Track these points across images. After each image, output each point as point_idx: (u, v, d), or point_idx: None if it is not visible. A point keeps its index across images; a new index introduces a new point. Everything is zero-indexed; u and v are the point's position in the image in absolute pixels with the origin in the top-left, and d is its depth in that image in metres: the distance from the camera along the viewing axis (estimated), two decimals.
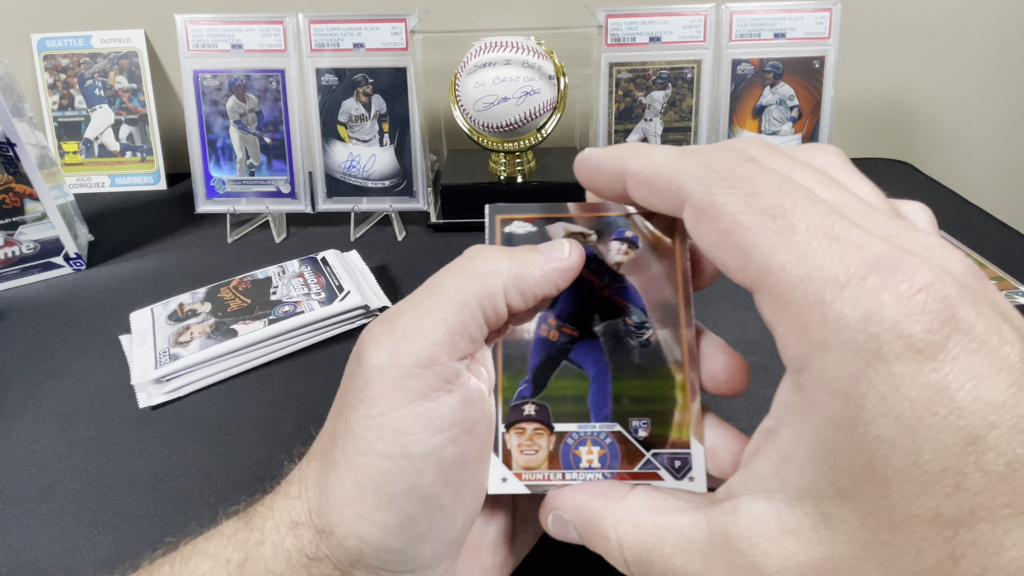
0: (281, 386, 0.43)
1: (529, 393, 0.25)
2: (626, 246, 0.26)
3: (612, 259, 0.26)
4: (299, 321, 0.45)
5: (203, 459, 0.37)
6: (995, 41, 0.72)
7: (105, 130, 0.73)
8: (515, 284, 0.23)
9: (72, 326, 0.50)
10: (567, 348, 0.25)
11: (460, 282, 0.22)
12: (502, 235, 0.27)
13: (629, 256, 0.26)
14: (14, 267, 0.55)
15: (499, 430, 0.25)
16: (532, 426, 0.25)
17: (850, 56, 0.70)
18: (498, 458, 0.25)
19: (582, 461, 0.25)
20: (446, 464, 0.21)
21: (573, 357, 0.25)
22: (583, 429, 0.25)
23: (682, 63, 0.59)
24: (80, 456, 0.38)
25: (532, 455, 0.25)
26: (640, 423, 0.25)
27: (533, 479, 0.24)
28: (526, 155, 0.62)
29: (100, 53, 0.71)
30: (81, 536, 0.33)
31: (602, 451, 0.25)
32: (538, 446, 0.25)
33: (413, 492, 0.20)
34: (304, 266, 0.51)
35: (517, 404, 0.25)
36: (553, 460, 0.25)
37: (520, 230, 0.27)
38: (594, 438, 0.25)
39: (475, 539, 0.25)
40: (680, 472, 0.24)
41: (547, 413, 0.25)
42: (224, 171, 0.62)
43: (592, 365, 0.25)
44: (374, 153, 0.61)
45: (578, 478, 0.24)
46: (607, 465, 0.24)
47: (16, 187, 0.53)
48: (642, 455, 0.24)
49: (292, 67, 0.60)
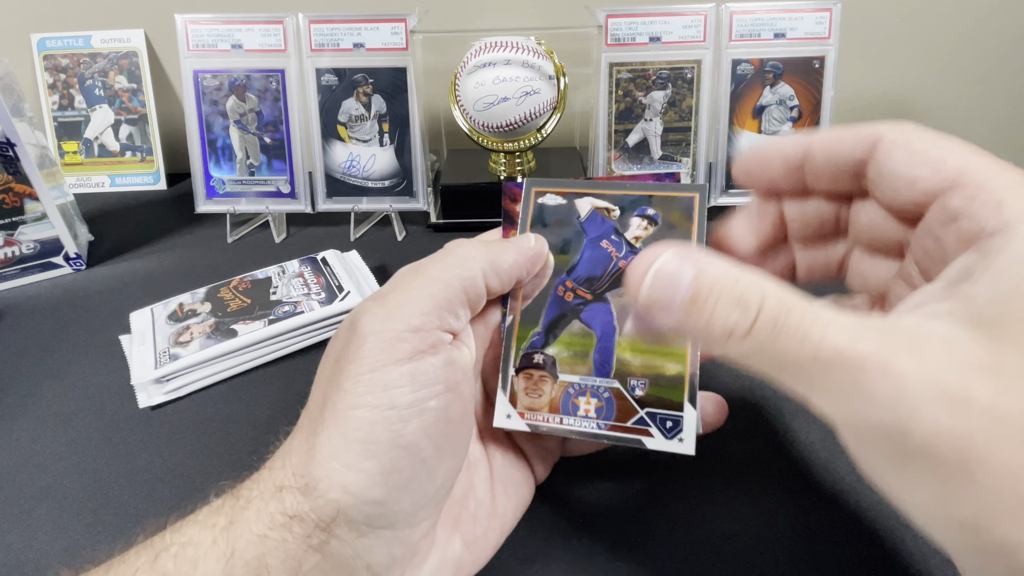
0: (281, 386, 0.43)
1: (540, 344, 0.28)
2: (646, 222, 0.28)
3: (632, 233, 0.28)
4: (299, 321, 0.45)
5: (203, 459, 0.37)
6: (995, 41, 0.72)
7: (105, 130, 0.73)
8: (492, 268, 0.26)
9: (72, 326, 0.50)
10: (579, 308, 0.28)
11: (445, 266, 0.25)
12: (535, 205, 0.30)
13: (648, 232, 0.28)
14: (14, 267, 0.55)
15: (509, 372, 0.28)
16: (539, 373, 0.28)
17: (850, 56, 0.70)
18: (505, 396, 0.28)
19: (580, 410, 0.27)
20: (429, 417, 0.23)
21: (584, 317, 0.28)
22: (584, 381, 0.27)
23: (682, 63, 0.59)
24: (80, 456, 0.38)
25: (536, 398, 0.27)
26: (638, 383, 0.27)
27: (534, 420, 0.27)
28: (526, 155, 0.62)
29: (100, 53, 0.71)
30: (81, 536, 0.33)
31: (599, 403, 0.27)
32: (542, 391, 0.27)
33: (398, 441, 0.22)
34: (304, 266, 0.51)
35: (528, 352, 0.28)
36: (554, 406, 0.27)
37: (551, 201, 0.30)
38: (593, 391, 0.27)
39: (454, 510, 0.26)
40: (671, 432, 0.26)
41: (554, 363, 0.28)
42: (224, 171, 0.62)
43: (600, 326, 0.28)
44: (374, 153, 0.61)
45: (574, 425, 0.27)
46: (603, 416, 0.27)
47: (16, 187, 0.53)
48: (636, 412, 0.27)
49: (292, 67, 0.60)
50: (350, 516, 0.22)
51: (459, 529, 0.26)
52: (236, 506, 0.22)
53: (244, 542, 0.21)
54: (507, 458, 0.29)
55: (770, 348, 0.19)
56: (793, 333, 0.19)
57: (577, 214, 0.29)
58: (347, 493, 0.22)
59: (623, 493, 0.34)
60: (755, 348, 0.19)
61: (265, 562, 0.21)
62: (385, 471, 0.22)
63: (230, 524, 0.22)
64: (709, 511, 0.33)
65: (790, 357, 0.19)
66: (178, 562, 0.21)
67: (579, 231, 0.29)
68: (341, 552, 0.22)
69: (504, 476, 0.28)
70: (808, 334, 0.18)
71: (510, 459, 0.29)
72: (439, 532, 0.25)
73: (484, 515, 0.27)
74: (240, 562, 0.21)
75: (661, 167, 0.62)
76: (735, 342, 0.20)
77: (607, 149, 0.62)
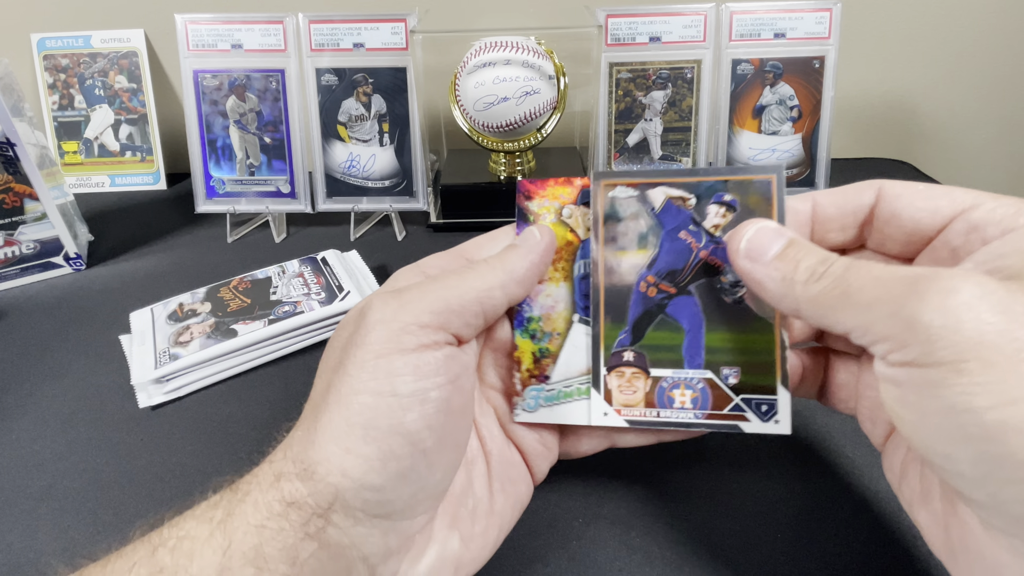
0: (281, 386, 0.43)
1: (628, 342, 0.28)
2: (724, 209, 0.28)
3: (710, 222, 0.28)
4: (299, 321, 0.45)
5: (203, 459, 0.37)
6: (995, 41, 0.72)
7: (105, 130, 0.73)
8: (511, 278, 0.26)
9: (72, 326, 0.50)
10: (664, 303, 0.28)
11: (463, 276, 0.26)
12: (605, 200, 0.29)
13: (727, 219, 0.28)
14: (14, 267, 0.55)
15: (601, 372, 0.28)
16: (631, 370, 0.28)
17: (850, 56, 0.70)
18: (600, 395, 0.28)
19: (675, 402, 0.28)
20: (430, 407, 0.23)
21: (669, 311, 0.28)
22: (677, 375, 0.28)
23: (682, 63, 0.59)
24: (80, 456, 0.38)
25: (630, 395, 0.28)
26: (730, 371, 0.27)
27: (631, 415, 0.28)
28: (526, 155, 0.62)
29: (100, 53, 0.71)
30: (81, 536, 0.33)
31: (694, 394, 0.27)
32: (635, 387, 0.28)
33: (398, 428, 0.23)
34: (304, 266, 0.51)
35: (617, 351, 0.28)
36: (649, 400, 0.28)
37: (622, 194, 0.29)
38: (687, 383, 0.28)
39: (452, 507, 0.26)
40: (766, 415, 0.27)
41: (644, 360, 0.28)
42: (224, 171, 0.62)
43: (687, 319, 0.28)
44: (374, 153, 0.61)
45: (671, 416, 0.27)
46: (698, 406, 0.27)
47: (16, 187, 0.53)
48: (731, 399, 0.27)
49: (292, 67, 0.60)
50: (347, 502, 0.22)
51: (457, 526, 0.26)
52: (233, 499, 0.23)
53: (241, 533, 0.22)
54: (505, 456, 0.29)
55: (843, 279, 0.22)
56: (860, 268, 0.22)
57: (651, 206, 0.28)
58: (346, 476, 0.22)
59: (623, 494, 0.34)
60: (832, 283, 0.22)
61: (262, 552, 0.21)
62: (384, 457, 0.22)
63: (227, 516, 0.22)
64: (709, 511, 0.33)
65: (857, 285, 0.21)
66: (175, 556, 0.21)
67: (655, 224, 0.28)
68: (338, 541, 0.22)
69: (502, 474, 0.28)
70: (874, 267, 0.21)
71: (508, 457, 0.29)
72: (437, 528, 0.25)
73: (483, 512, 0.27)
74: (237, 553, 0.21)
75: (661, 167, 0.62)
76: (812, 282, 0.23)
77: (607, 149, 0.62)
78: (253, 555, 0.21)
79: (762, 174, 0.27)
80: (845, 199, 0.27)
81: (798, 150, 0.60)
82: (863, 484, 0.34)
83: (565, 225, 0.30)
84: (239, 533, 0.22)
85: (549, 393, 0.29)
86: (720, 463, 0.36)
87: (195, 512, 0.23)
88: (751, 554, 0.31)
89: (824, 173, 0.61)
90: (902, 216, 0.26)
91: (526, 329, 0.29)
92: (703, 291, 0.28)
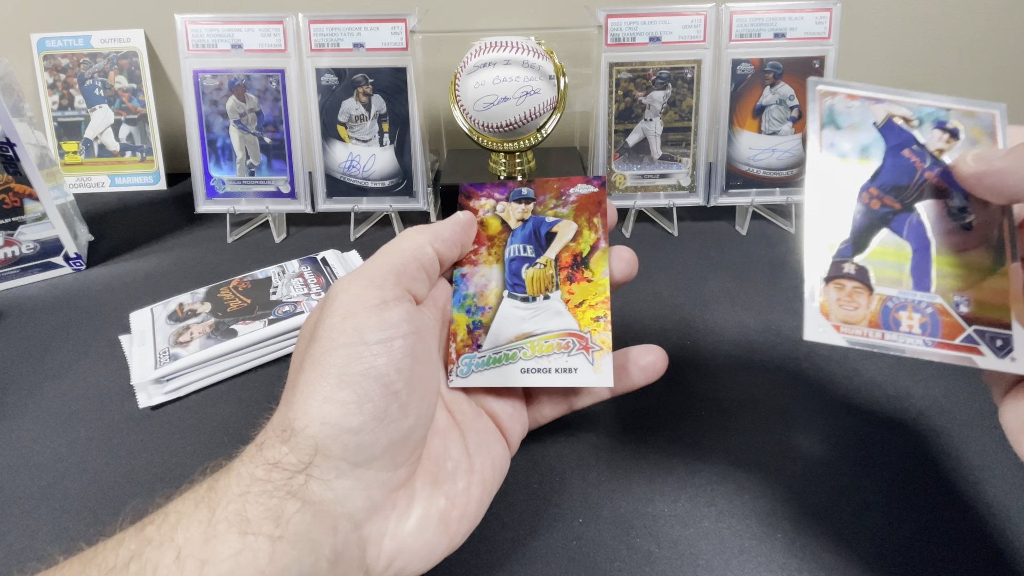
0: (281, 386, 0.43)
1: (850, 252, 0.26)
2: (947, 135, 0.27)
3: (934, 145, 0.27)
4: (299, 321, 0.45)
5: (203, 459, 0.37)
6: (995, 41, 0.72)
7: (105, 130, 0.73)
8: (436, 238, 0.30)
9: (72, 326, 0.50)
10: (888, 218, 0.27)
11: (397, 244, 0.30)
12: (824, 107, 0.28)
13: (950, 145, 0.27)
14: (14, 267, 0.55)
15: (818, 281, 0.26)
16: (852, 284, 0.26)
17: (850, 56, 0.70)
18: (815, 307, 0.26)
19: (902, 325, 0.26)
20: (397, 353, 0.25)
21: (894, 227, 0.26)
22: (904, 295, 0.26)
23: (682, 63, 0.59)
24: (80, 456, 0.38)
25: (852, 311, 0.26)
26: (962, 299, 0.26)
27: (852, 333, 0.26)
28: (526, 155, 0.62)
29: (100, 53, 0.71)
30: (81, 536, 0.33)
31: (923, 319, 0.26)
32: (857, 303, 0.26)
33: (370, 372, 0.24)
34: (304, 266, 0.51)
35: (838, 261, 0.26)
36: (873, 320, 0.26)
37: (841, 106, 0.28)
38: (915, 305, 0.26)
39: (432, 468, 0.27)
40: (1002, 351, 0.25)
41: (867, 275, 0.26)
42: (224, 171, 0.62)
43: (914, 237, 0.26)
44: (374, 153, 0.61)
45: (898, 341, 0.25)
46: (928, 332, 0.25)
47: (16, 187, 0.53)
48: (963, 329, 0.25)
49: (292, 67, 0.60)
50: (328, 451, 0.23)
51: (440, 486, 0.27)
52: (217, 475, 0.24)
53: (224, 501, 0.22)
54: (476, 425, 0.30)
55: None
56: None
57: (873, 119, 0.27)
58: (325, 424, 0.24)
59: (623, 494, 0.34)
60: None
61: (245, 515, 0.22)
62: (360, 400, 0.24)
63: (210, 491, 0.23)
64: (709, 511, 0.33)
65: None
66: (161, 529, 0.22)
67: (877, 136, 0.27)
68: (321, 496, 0.23)
69: (476, 439, 0.30)
70: None
71: (480, 426, 0.31)
72: (419, 487, 0.26)
73: (463, 470, 0.28)
74: (221, 518, 0.22)
75: (661, 167, 0.62)
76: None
77: (607, 149, 0.62)
78: (236, 519, 0.22)
79: (986, 108, 0.27)
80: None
81: (798, 150, 0.60)
82: (864, 484, 0.34)
83: (498, 218, 0.35)
84: (223, 502, 0.22)
85: (480, 359, 0.31)
86: (720, 463, 0.36)
87: (181, 493, 0.24)
88: (751, 554, 0.31)
89: None
90: None
91: (462, 305, 0.33)
92: (930, 212, 0.26)
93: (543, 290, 0.32)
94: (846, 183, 0.27)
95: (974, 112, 0.27)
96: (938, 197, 0.26)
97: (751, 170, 0.61)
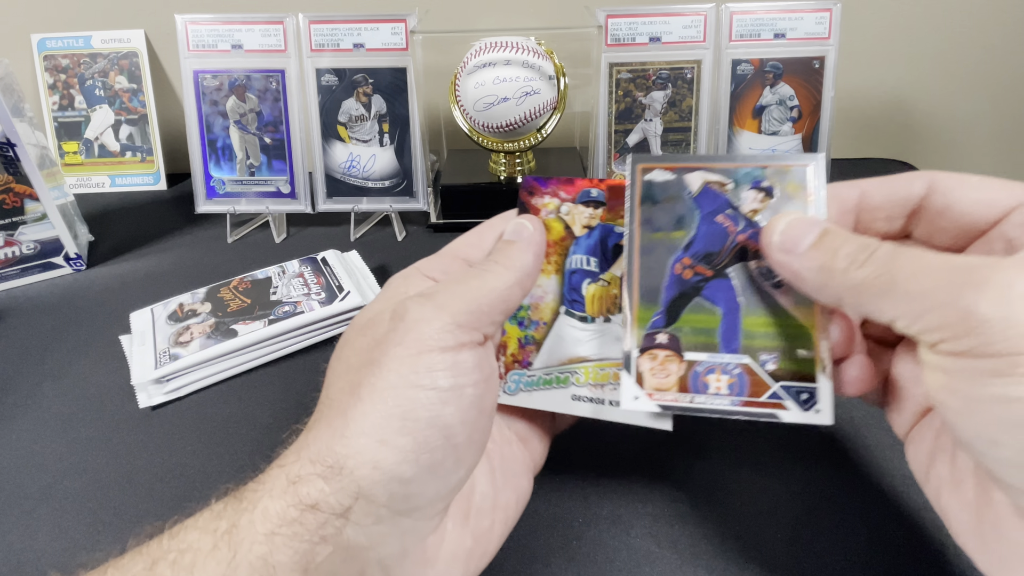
0: (281, 386, 0.43)
1: (662, 324, 0.27)
2: (762, 195, 0.28)
3: (748, 206, 0.28)
4: (299, 321, 0.45)
5: (203, 459, 0.37)
6: (995, 41, 0.72)
7: (105, 130, 0.73)
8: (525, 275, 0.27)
9: (72, 326, 0.50)
10: (700, 286, 0.28)
11: (484, 280, 0.26)
12: (642, 183, 0.29)
13: (764, 204, 0.27)
14: (14, 267, 0.55)
15: (633, 354, 0.27)
16: (664, 352, 0.27)
17: (850, 56, 0.70)
18: (631, 378, 0.27)
19: (710, 387, 0.27)
20: (466, 402, 0.23)
21: (705, 294, 0.27)
22: (713, 359, 0.27)
23: (682, 63, 0.59)
24: (80, 456, 0.38)
25: (663, 378, 0.27)
26: (769, 357, 0.26)
27: (664, 400, 0.27)
28: (526, 155, 0.62)
29: (100, 53, 0.71)
30: (81, 536, 0.33)
31: (731, 380, 0.27)
32: (669, 371, 0.27)
33: (436, 421, 0.23)
34: (304, 266, 0.51)
35: (651, 333, 0.27)
36: (683, 385, 0.27)
37: (659, 178, 0.29)
38: (723, 368, 0.27)
39: (464, 504, 0.26)
40: (807, 404, 0.26)
41: (678, 343, 0.27)
42: (224, 171, 0.62)
43: (724, 302, 0.27)
44: (374, 153, 0.61)
45: (707, 403, 0.26)
46: (736, 392, 0.26)
47: (16, 187, 0.53)
48: (769, 387, 0.26)
49: (292, 67, 0.60)
50: (373, 496, 0.22)
51: (467, 524, 0.26)
52: (239, 508, 0.22)
53: (248, 543, 0.21)
54: (505, 452, 0.29)
55: (890, 266, 0.22)
56: (911, 254, 0.22)
57: (688, 190, 0.28)
58: (376, 469, 0.22)
59: (623, 494, 0.34)
60: (876, 270, 0.22)
61: (270, 561, 0.21)
62: (419, 449, 0.22)
63: (232, 527, 0.21)
64: (709, 511, 0.33)
65: (905, 272, 0.21)
66: (175, 570, 0.21)
67: (692, 207, 0.28)
68: (355, 542, 0.22)
69: (504, 468, 0.28)
70: (924, 254, 0.21)
71: (508, 453, 0.29)
72: (450, 527, 0.25)
73: (489, 508, 0.27)
74: (243, 563, 0.20)
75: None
76: (855, 267, 0.22)
77: (607, 149, 0.62)
78: (260, 564, 0.20)
79: (800, 161, 0.27)
80: (893, 188, 0.27)
81: (798, 150, 0.60)
82: (865, 484, 0.34)
83: (561, 221, 0.31)
84: (245, 544, 0.21)
85: (530, 379, 0.30)
86: (720, 463, 0.36)
87: (197, 522, 0.22)
88: (751, 554, 0.31)
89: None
90: (956, 208, 0.25)
91: (515, 316, 0.30)
92: (740, 275, 0.27)
93: (604, 311, 0.30)
94: (660, 256, 0.28)
95: (789, 166, 0.27)
96: (751, 259, 0.27)
97: None
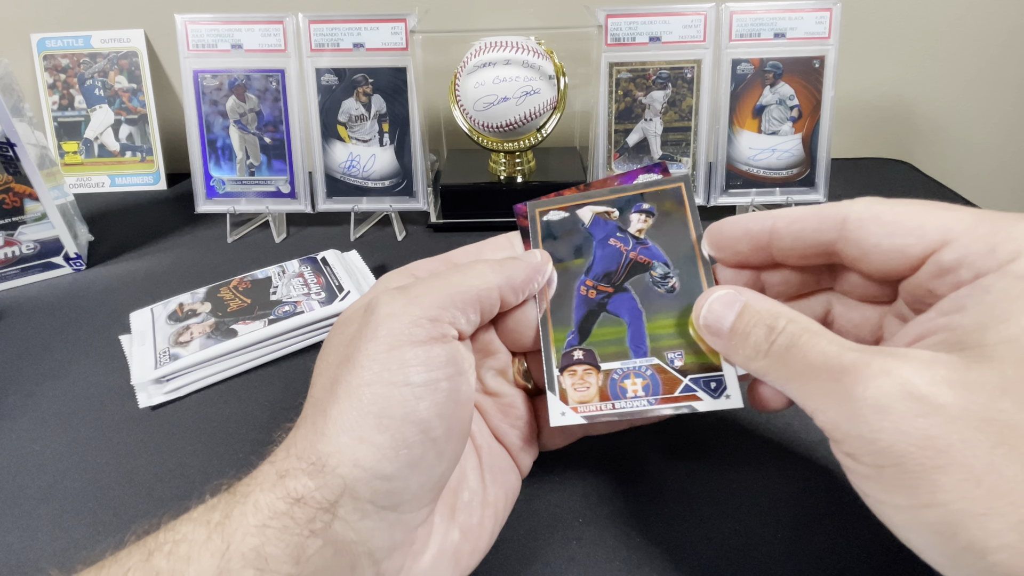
0: (281, 386, 0.43)
1: (577, 341, 0.30)
2: (644, 216, 0.31)
3: (634, 228, 0.31)
4: (299, 321, 0.45)
5: (203, 459, 0.37)
6: (995, 41, 0.72)
7: (105, 130, 0.73)
8: (508, 284, 0.28)
9: (72, 326, 0.50)
10: (604, 302, 0.30)
11: (466, 275, 0.27)
12: (542, 224, 0.32)
13: (648, 223, 0.31)
14: (14, 267, 0.55)
15: (555, 374, 0.29)
16: (582, 367, 0.29)
17: (850, 56, 0.70)
18: (555, 396, 0.29)
19: (628, 392, 0.29)
20: (440, 396, 0.24)
21: (610, 309, 0.30)
22: (626, 365, 0.29)
23: (682, 63, 0.59)
24: (80, 456, 0.38)
25: (584, 391, 0.29)
26: (675, 355, 0.29)
27: (588, 411, 0.29)
28: (526, 155, 0.62)
29: (100, 53, 0.71)
30: (81, 536, 0.33)
31: (644, 381, 0.29)
32: (588, 383, 0.29)
33: (411, 416, 0.23)
34: (304, 266, 0.51)
35: (568, 351, 0.30)
36: (603, 394, 0.29)
37: (556, 217, 0.32)
38: (636, 372, 0.29)
39: (451, 499, 0.27)
40: (716, 392, 0.28)
41: (594, 356, 0.29)
42: (224, 171, 0.62)
43: (627, 312, 0.30)
44: (374, 153, 0.61)
45: (627, 406, 0.28)
46: (651, 392, 0.28)
47: (16, 187, 0.53)
48: (680, 381, 0.28)
49: (292, 67, 0.60)
50: (357, 493, 0.22)
51: (456, 518, 0.26)
52: (232, 501, 0.22)
53: (241, 534, 0.21)
54: (494, 450, 0.30)
55: (783, 362, 0.23)
56: (799, 348, 0.23)
57: (581, 222, 0.32)
58: (357, 466, 0.22)
59: (623, 494, 0.34)
60: (772, 364, 0.24)
61: (263, 553, 0.21)
62: (397, 445, 0.23)
63: (225, 519, 0.22)
64: (709, 511, 0.33)
65: (795, 368, 0.23)
66: (171, 560, 0.21)
67: (587, 235, 0.32)
68: (344, 536, 0.22)
69: (493, 465, 0.29)
70: (810, 349, 0.22)
71: (496, 450, 0.30)
72: (437, 521, 0.26)
73: (478, 503, 0.27)
74: (236, 554, 0.21)
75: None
76: (759, 358, 0.24)
77: (607, 149, 0.62)
78: (253, 556, 0.21)
79: (671, 183, 0.32)
80: (804, 232, 0.26)
81: (798, 150, 0.60)
82: None
83: None
84: (238, 535, 0.21)
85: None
86: (720, 463, 0.36)
87: (192, 515, 0.23)
88: (751, 554, 0.31)
89: (824, 173, 0.61)
90: (871, 256, 0.25)
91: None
92: (638, 286, 0.30)
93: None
94: (567, 283, 0.31)
95: (664, 188, 0.32)
96: (644, 271, 0.30)
97: (751, 170, 0.61)
